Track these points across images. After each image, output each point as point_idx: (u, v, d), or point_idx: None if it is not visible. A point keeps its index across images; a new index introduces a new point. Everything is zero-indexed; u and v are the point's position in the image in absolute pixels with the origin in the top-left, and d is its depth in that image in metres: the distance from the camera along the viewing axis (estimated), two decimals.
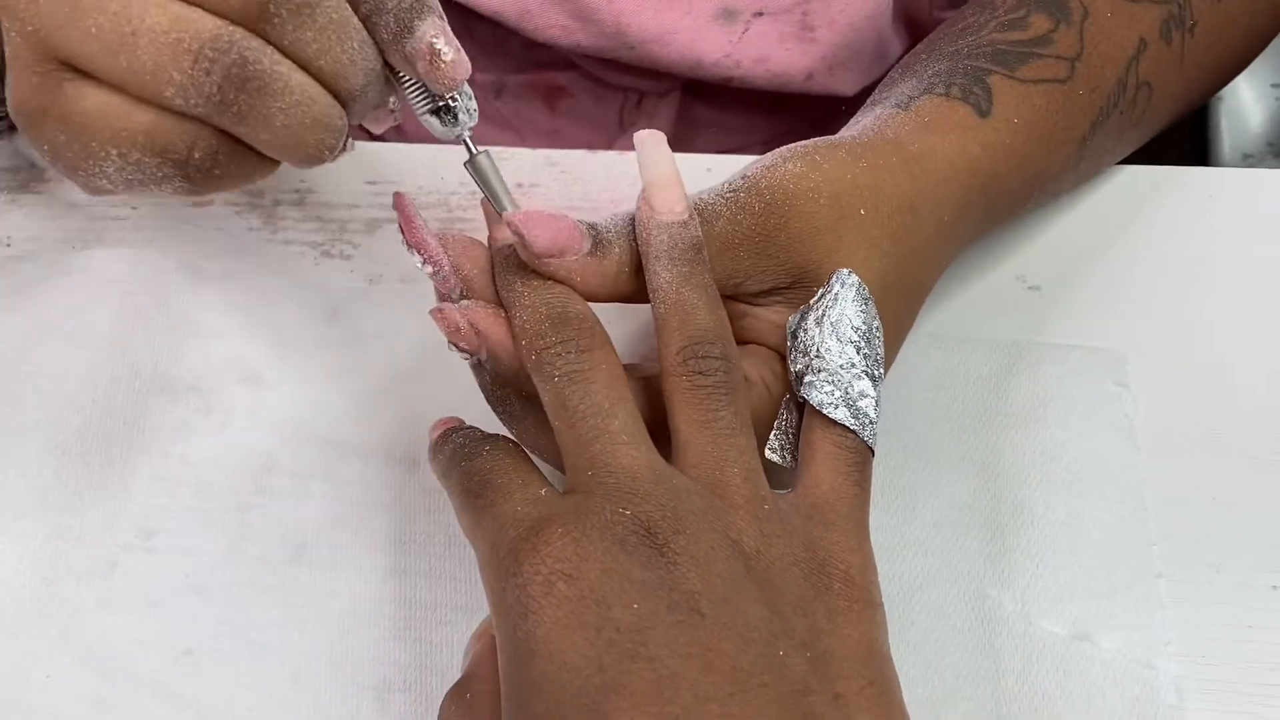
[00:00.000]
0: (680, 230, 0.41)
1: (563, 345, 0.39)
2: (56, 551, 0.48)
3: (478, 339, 0.41)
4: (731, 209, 0.42)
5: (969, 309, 0.54)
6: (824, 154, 0.44)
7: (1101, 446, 0.50)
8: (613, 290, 0.42)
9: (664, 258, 0.40)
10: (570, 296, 0.41)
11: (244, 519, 0.49)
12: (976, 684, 0.45)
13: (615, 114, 0.69)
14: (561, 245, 0.40)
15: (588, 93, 0.68)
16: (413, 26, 0.40)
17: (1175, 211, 0.57)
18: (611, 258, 0.41)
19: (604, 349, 0.39)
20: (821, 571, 0.37)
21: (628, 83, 0.67)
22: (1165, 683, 0.45)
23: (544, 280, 0.41)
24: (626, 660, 0.34)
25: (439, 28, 0.40)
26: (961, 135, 0.47)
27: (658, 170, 0.42)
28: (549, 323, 0.39)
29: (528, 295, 0.40)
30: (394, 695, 0.45)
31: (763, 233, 0.42)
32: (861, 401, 0.40)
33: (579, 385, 0.38)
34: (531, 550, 0.35)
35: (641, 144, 0.42)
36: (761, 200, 0.42)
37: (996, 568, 0.48)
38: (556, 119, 0.69)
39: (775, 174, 0.43)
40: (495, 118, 0.70)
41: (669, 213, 0.41)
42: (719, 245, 0.42)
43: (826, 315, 0.40)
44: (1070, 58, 0.50)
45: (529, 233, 0.40)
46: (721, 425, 0.38)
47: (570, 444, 0.38)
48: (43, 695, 0.46)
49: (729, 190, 0.43)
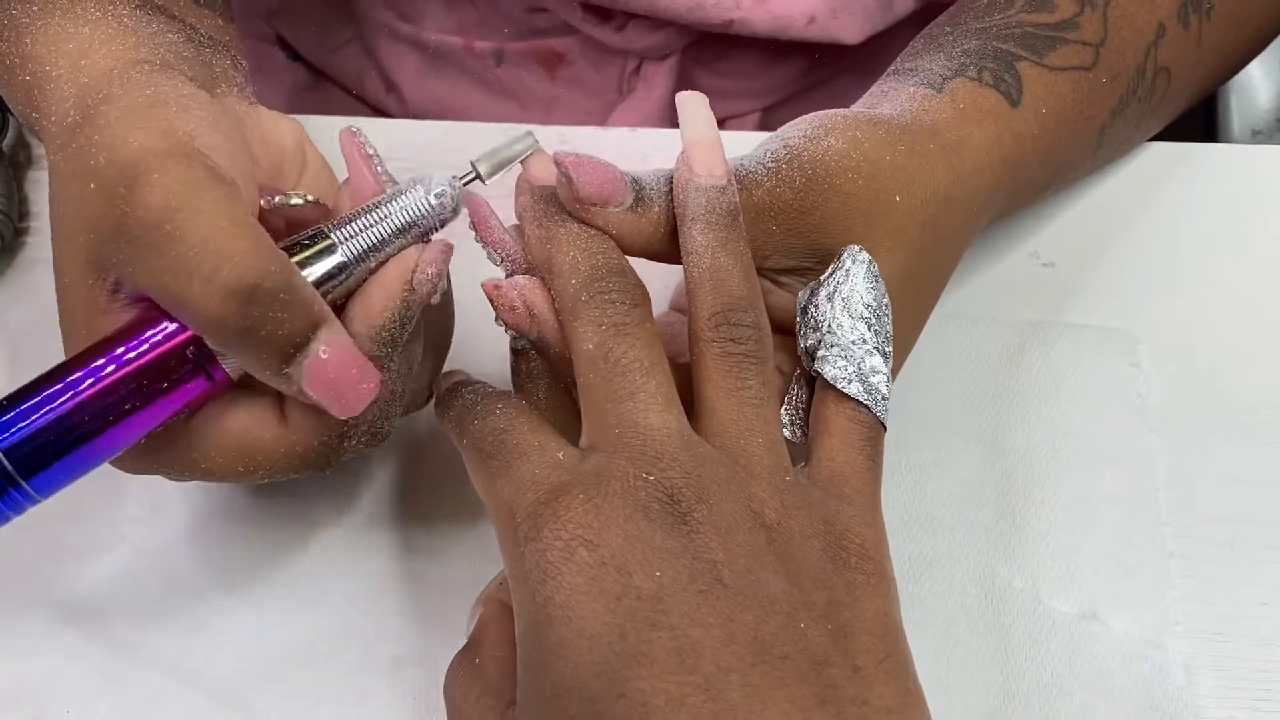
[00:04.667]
0: (718, 195, 0.40)
1: (619, 294, 0.38)
2: (62, 527, 0.48)
3: (529, 321, 0.40)
4: (772, 180, 0.41)
5: (983, 286, 0.54)
6: (865, 131, 0.43)
7: (1114, 426, 0.50)
8: (646, 248, 0.41)
9: (700, 221, 0.39)
10: (619, 251, 0.40)
11: (253, 496, 0.49)
12: (985, 662, 0.45)
13: (614, 81, 0.69)
14: (606, 195, 0.40)
15: (587, 60, 0.68)
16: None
17: (1190, 188, 0.57)
18: (651, 215, 0.40)
19: (649, 309, 0.39)
20: (839, 545, 0.37)
21: (627, 45, 0.66)
22: (1174, 662, 0.45)
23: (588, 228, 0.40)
24: (647, 629, 0.34)
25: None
26: (996, 124, 0.47)
27: (699, 130, 0.41)
28: (606, 269, 0.39)
29: (581, 237, 0.40)
30: (405, 671, 0.45)
31: (800, 208, 0.41)
32: (874, 377, 0.39)
33: (625, 338, 0.38)
34: (552, 515, 0.35)
35: (683, 104, 0.41)
36: (803, 175, 0.42)
37: (1007, 546, 0.48)
38: (556, 86, 0.69)
39: (819, 148, 0.42)
40: (496, 86, 0.69)
41: (708, 175, 0.40)
42: (754, 215, 0.41)
43: (838, 291, 0.40)
44: (1095, 43, 0.50)
45: (578, 176, 0.39)
46: (749, 394, 0.38)
47: (602, 397, 0.37)
48: (49, 670, 0.46)
49: (770, 159, 0.42)
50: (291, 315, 0.37)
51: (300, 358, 0.37)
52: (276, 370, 0.37)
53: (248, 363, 0.38)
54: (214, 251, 0.36)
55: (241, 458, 0.40)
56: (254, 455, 0.40)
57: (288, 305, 0.36)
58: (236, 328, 0.36)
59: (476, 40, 0.68)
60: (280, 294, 0.36)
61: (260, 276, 0.36)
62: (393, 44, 0.69)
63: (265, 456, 0.40)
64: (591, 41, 0.67)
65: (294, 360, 0.37)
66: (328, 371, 0.37)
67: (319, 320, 0.38)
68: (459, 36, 0.68)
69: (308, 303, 0.37)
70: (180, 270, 0.36)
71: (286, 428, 0.40)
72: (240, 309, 0.36)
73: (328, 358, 0.37)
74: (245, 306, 0.36)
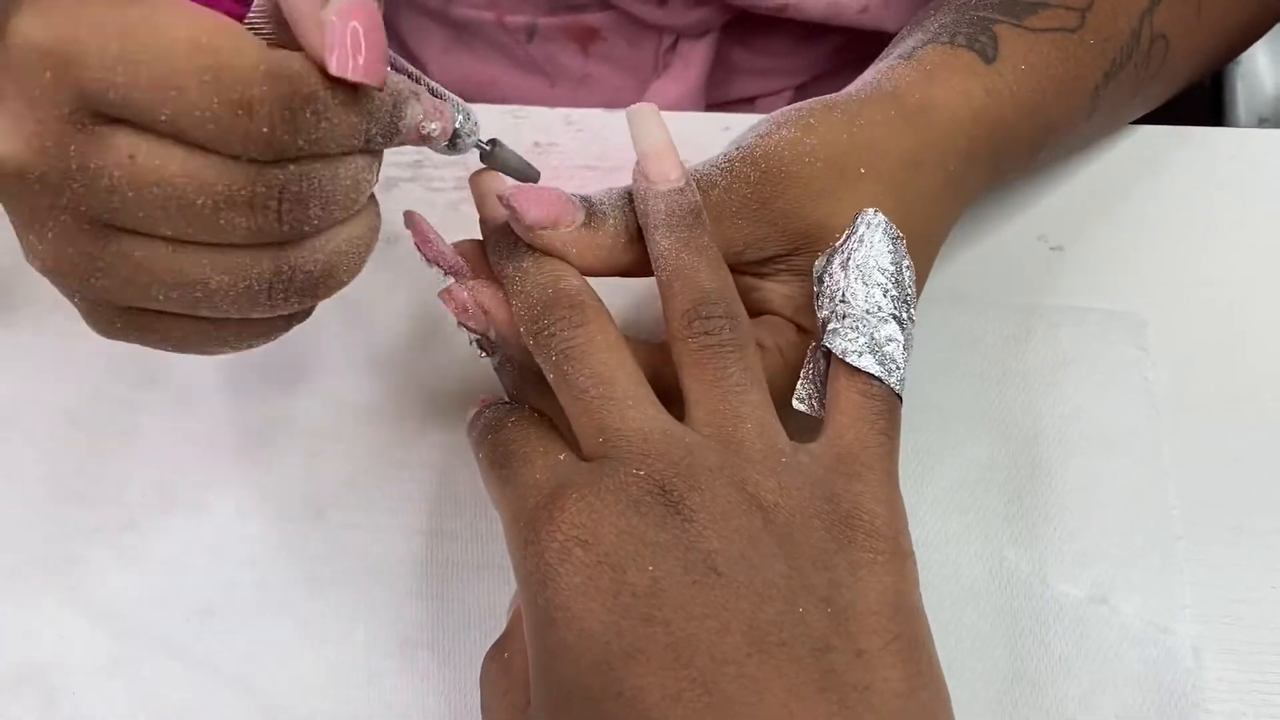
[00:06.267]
0: (677, 197, 0.40)
1: (555, 324, 0.39)
2: (71, 509, 0.48)
3: (485, 318, 0.41)
4: (727, 178, 0.42)
5: (991, 269, 0.53)
6: (818, 116, 0.44)
7: (1121, 409, 0.50)
8: (608, 262, 0.42)
9: (663, 225, 0.40)
10: (560, 273, 0.40)
11: (261, 479, 0.49)
12: (993, 646, 0.45)
13: (650, 58, 0.68)
14: (554, 217, 0.40)
15: (621, 35, 0.67)
16: (398, 128, 0.38)
17: (1198, 173, 0.56)
18: (605, 229, 0.41)
19: (598, 320, 0.39)
20: (845, 524, 0.36)
21: (667, 21, 0.66)
22: (1183, 646, 0.45)
23: (536, 260, 0.41)
24: (642, 625, 0.33)
25: (418, 111, 0.38)
26: (965, 80, 0.47)
27: (650, 140, 0.41)
28: (540, 305, 0.40)
29: (519, 280, 0.41)
30: (415, 652, 0.46)
31: (759, 200, 0.42)
32: (888, 346, 0.39)
33: (575, 360, 0.38)
34: (548, 517, 0.35)
35: (631, 116, 0.42)
36: (757, 169, 0.42)
37: (1014, 529, 0.47)
38: (589, 63, 0.68)
39: (769, 141, 0.43)
40: (526, 62, 0.69)
41: (664, 180, 0.41)
42: (716, 214, 0.42)
43: (851, 258, 0.40)
44: (1080, 8, 0.49)
45: (520, 206, 0.40)
46: (731, 382, 0.38)
47: (578, 416, 0.38)
48: (55, 654, 0.46)
49: (724, 161, 0.43)
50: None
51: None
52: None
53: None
54: None
55: (197, 55, 0.33)
56: (211, 58, 0.33)
57: None
58: None
59: (508, 15, 0.67)
60: None
61: None
62: (417, 18, 0.69)
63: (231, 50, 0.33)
64: (628, 17, 0.66)
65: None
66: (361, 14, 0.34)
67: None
68: (491, 11, 0.67)
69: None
70: None
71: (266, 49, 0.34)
72: None
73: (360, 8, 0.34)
74: None
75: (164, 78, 0.33)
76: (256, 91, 0.33)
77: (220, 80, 0.33)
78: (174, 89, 0.33)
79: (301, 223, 0.36)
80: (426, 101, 0.38)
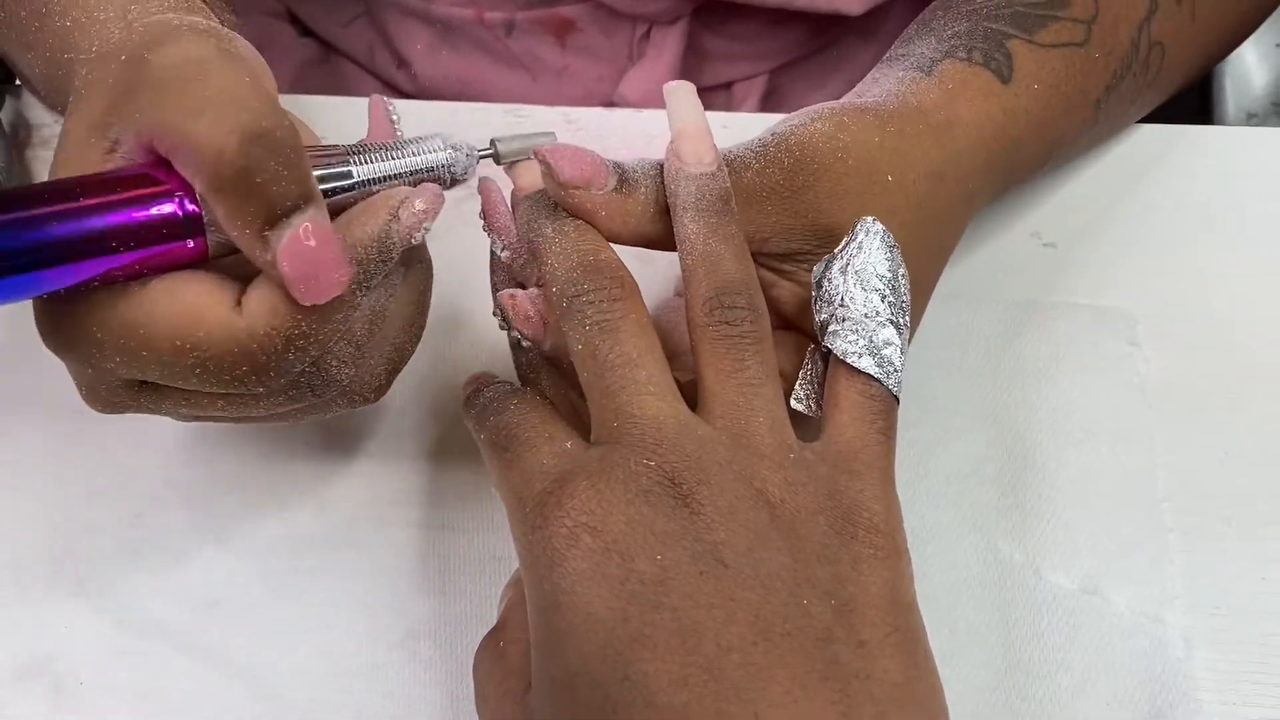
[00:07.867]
0: (708, 181, 0.40)
1: (595, 293, 0.39)
2: (78, 502, 0.49)
3: (544, 330, 0.41)
4: (761, 162, 0.42)
5: (984, 265, 0.54)
6: (852, 117, 0.44)
7: (1113, 403, 0.51)
8: (636, 231, 0.41)
9: (691, 209, 0.40)
10: (600, 244, 0.40)
11: (265, 472, 0.50)
12: (987, 637, 0.46)
13: (625, 47, 0.69)
14: (587, 177, 0.40)
15: (597, 26, 0.68)
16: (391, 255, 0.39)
17: (1188, 170, 0.57)
18: (636, 196, 0.41)
19: (633, 298, 0.39)
20: (846, 519, 0.37)
21: (637, 9, 0.67)
22: (1174, 636, 0.46)
23: (575, 225, 0.40)
24: (650, 611, 0.34)
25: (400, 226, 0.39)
26: (985, 102, 0.47)
27: (686, 120, 0.41)
28: (581, 270, 0.39)
29: (559, 241, 0.40)
30: (418, 643, 0.46)
31: (791, 188, 0.42)
32: (886, 349, 0.40)
33: (609, 335, 0.38)
34: (556, 503, 0.36)
35: (670, 94, 0.42)
36: (791, 156, 0.42)
37: (1008, 522, 0.48)
38: (566, 55, 0.69)
39: (805, 131, 0.43)
40: (507, 57, 0.69)
41: (697, 163, 0.40)
42: (746, 197, 0.42)
43: (851, 264, 0.41)
44: (1086, 20, 0.50)
45: (556, 163, 0.40)
46: (748, 375, 0.38)
47: (598, 394, 0.38)
48: (62, 645, 0.46)
49: (758, 144, 0.43)
50: (289, 176, 0.36)
51: (284, 225, 0.36)
52: (258, 230, 0.36)
53: (232, 213, 0.36)
54: (233, 98, 0.36)
55: (184, 328, 0.37)
56: (196, 331, 0.37)
57: (289, 164, 0.36)
58: (235, 165, 0.35)
59: (487, 11, 0.68)
60: (286, 149, 0.36)
61: (273, 126, 0.36)
62: (402, 19, 0.69)
63: (207, 336, 0.37)
64: (602, 7, 0.67)
65: (277, 225, 0.36)
66: (305, 247, 0.36)
67: (311, 195, 0.37)
68: (470, 9, 0.68)
69: (306, 176, 0.37)
70: (193, 108, 0.36)
71: (238, 312, 0.38)
72: (243, 148, 0.35)
73: (308, 235, 0.36)
74: (249, 146, 0.35)
75: (169, 373, 0.38)
76: (244, 368, 0.38)
77: (208, 369, 0.38)
78: (179, 379, 0.38)
79: (335, 374, 0.40)
80: (401, 195, 0.39)
